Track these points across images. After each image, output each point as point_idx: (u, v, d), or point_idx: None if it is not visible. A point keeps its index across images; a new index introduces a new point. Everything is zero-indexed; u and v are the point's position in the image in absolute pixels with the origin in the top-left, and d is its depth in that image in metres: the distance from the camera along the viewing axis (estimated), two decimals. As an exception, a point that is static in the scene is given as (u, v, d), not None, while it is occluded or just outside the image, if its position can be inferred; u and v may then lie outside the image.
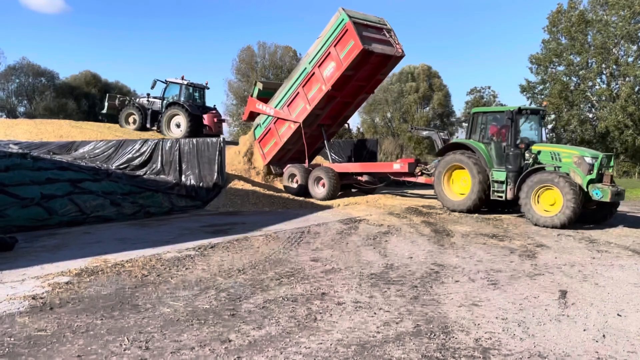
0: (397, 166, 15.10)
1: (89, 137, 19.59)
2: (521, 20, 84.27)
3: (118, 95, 26.06)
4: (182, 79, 22.76)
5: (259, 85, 17.35)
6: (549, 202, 10.89)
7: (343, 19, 14.18)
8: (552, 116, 37.47)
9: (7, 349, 3.90)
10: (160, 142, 15.07)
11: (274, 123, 16.35)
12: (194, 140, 15.04)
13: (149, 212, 12.09)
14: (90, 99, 53.01)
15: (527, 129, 12.54)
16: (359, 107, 18.26)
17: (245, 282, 5.99)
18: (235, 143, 21.76)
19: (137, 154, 15.10)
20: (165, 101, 22.77)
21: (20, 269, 6.39)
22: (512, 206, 12.93)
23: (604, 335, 4.54)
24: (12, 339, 4.10)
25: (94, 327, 4.40)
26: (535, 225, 10.89)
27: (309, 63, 15.28)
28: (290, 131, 15.94)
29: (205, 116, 22.33)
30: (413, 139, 48.52)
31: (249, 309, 5.00)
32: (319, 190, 15.46)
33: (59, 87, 52.31)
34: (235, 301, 5.24)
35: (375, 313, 4.95)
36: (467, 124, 13.35)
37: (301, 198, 15.20)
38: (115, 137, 18.75)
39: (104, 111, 25.39)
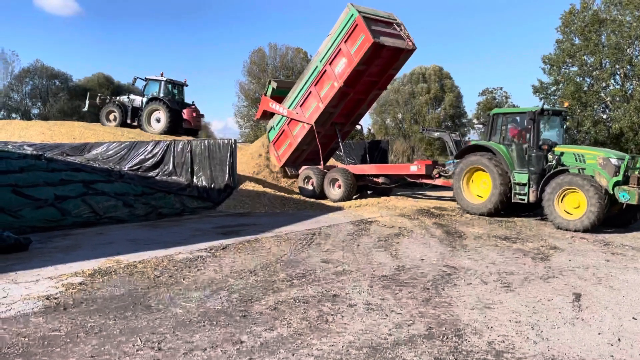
0: (414, 168, 14.90)
1: (102, 138, 19.77)
2: (533, 20, 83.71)
3: (99, 94, 27.31)
4: (162, 75, 23.69)
5: (273, 84, 17.33)
6: (573, 205, 10.66)
7: (352, 14, 14.15)
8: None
9: (21, 349, 3.94)
10: (172, 144, 15.17)
11: (288, 124, 16.31)
12: (206, 141, 15.13)
13: (161, 213, 12.16)
14: (103, 101, 53.51)
15: (547, 130, 12.29)
16: (372, 104, 18.15)
17: (256, 284, 6.00)
18: (249, 143, 21.96)
19: (150, 155, 15.22)
20: (145, 98, 23.68)
21: (34, 270, 6.45)
22: (530, 209, 12.73)
23: (619, 339, 4.48)
24: (26, 339, 4.14)
25: (107, 328, 4.43)
26: (558, 228, 10.68)
27: (320, 61, 15.23)
28: (304, 131, 15.88)
29: (184, 111, 23.40)
30: (424, 140, 48.36)
31: (260, 310, 5.00)
32: (334, 192, 15.37)
33: (72, 89, 52.82)
34: (247, 302, 5.25)
35: (387, 315, 4.93)
36: (486, 126, 13.15)
37: (312, 200, 15.17)
38: (128, 139, 18.89)
39: (85, 109, 26.82)
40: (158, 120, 23.09)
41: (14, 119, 40.02)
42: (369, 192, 16.87)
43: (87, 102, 25.97)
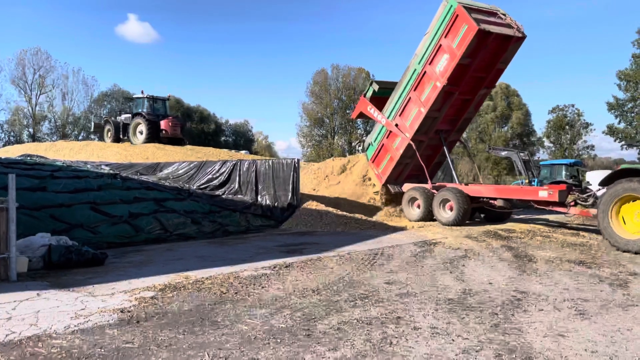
0: (544, 193, 12.89)
1: (172, 158, 20.69)
2: (605, 34, 79.97)
3: (102, 116, 33.12)
4: (142, 93, 27.37)
5: (375, 86, 16.24)
6: None
7: (452, 5, 13.23)
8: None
9: (97, 359, 4.15)
10: (238, 163, 15.62)
11: (387, 137, 15.39)
12: (270, 161, 15.47)
13: (227, 231, 12.49)
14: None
15: None
16: (479, 106, 16.44)
17: (319, 303, 6.01)
18: (312, 162, 22.25)
19: (217, 174, 15.73)
20: (131, 114, 27.42)
21: (110, 283, 6.80)
22: None
23: None
24: (102, 350, 4.35)
25: (176, 342, 4.58)
26: None
27: (418, 63, 14.28)
28: (406, 142, 14.81)
29: (162, 122, 26.46)
30: (490, 159, 47.11)
31: (323, 330, 5.01)
32: (445, 214, 13.96)
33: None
34: (310, 321, 5.27)
35: (453, 340, 4.79)
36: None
37: (374, 219, 15.02)
38: (197, 159, 19.63)
39: (92, 130, 33.34)
40: (141, 132, 26.39)
41: (92, 141, 42.67)
42: (481, 215, 15.30)
43: (92, 124, 31.39)
